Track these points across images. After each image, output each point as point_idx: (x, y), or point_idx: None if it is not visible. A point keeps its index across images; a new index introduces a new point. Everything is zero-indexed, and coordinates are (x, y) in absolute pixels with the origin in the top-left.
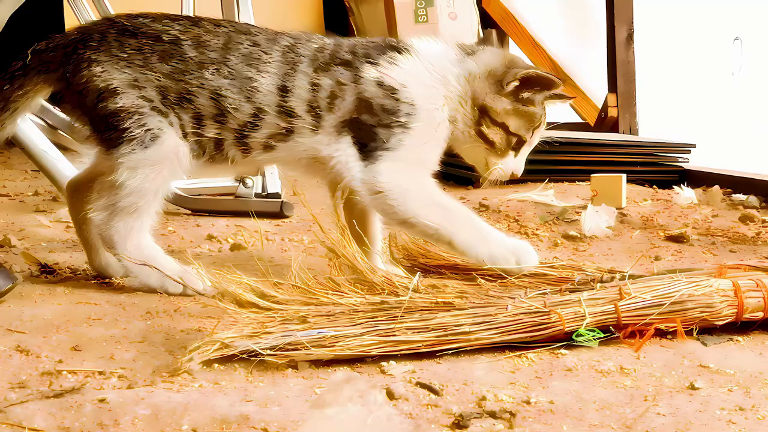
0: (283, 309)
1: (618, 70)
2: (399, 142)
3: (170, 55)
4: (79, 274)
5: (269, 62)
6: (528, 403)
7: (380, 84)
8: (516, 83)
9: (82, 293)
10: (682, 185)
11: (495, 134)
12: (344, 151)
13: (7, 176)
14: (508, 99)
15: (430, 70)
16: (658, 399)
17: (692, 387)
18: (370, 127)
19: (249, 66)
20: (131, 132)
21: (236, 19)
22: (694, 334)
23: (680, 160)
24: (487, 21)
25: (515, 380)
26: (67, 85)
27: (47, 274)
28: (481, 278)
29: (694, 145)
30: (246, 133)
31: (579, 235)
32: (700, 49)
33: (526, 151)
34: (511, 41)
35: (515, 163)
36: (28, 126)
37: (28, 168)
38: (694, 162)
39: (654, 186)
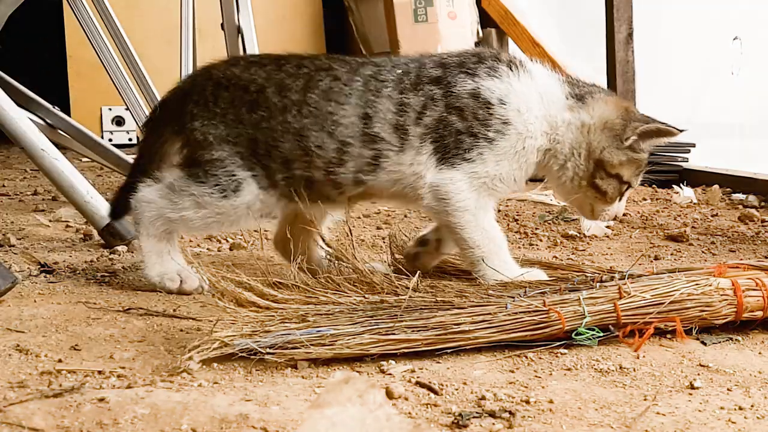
0: (283, 308)
1: (618, 70)
2: (480, 155)
3: (257, 104)
4: (79, 273)
5: (350, 94)
6: (527, 402)
7: (475, 96)
8: (635, 138)
9: (81, 293)
10: (681, 185)
11: (608, 185)
12: (423, 164)
13: (6, 175)
14: (623, 151)
15: (537, 99)
16: (657, 398)
17: (692, 386)
18: (456, 132)
19: (329, 101)
20: (219, 179)
21: (236, 20)
22: (694, 333)
23: (680, 159)
24: (486, 21)
25: (514, 379)
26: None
27: (47, 273)
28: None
29: (693, 145)
30: (333, 169)
31: (578, 235)
32: (699, 49)
33: (627, 194)
34: (511, 41)
35: (619, 206)
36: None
37: (27, 167)
38: (693, 161)
39: (653, 185)
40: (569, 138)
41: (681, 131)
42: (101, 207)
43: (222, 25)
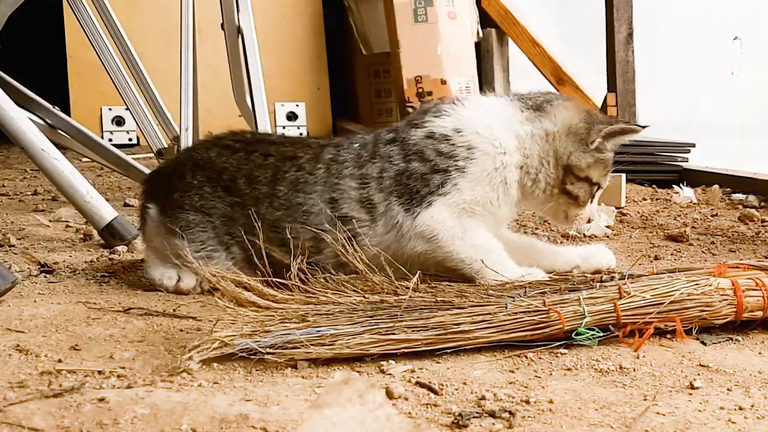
0: (283, 308)
1: (617, 70)
2: (455, 186)
3: (231, 189)
4: (79, 273)
5: (315, 182)
6: (527, 402)
7: (431, 136)
8: (600, 140)
9: (81, 293)
10: (681, 185)
11: (580, 189)
12: (396, 220)
13: (6, 175)
14: (590, 153)
15: (492, 117)
16: (657, 398)
17: (691, 386)
18: (422, 175)
19: (297, 192)
20: (192, 241)
21: (236, 20)
22: (694, 333)
23: (679, 159)
24: (486, 21)
25: (514, 379)
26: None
27: (47, 273)
28: None
29: (693, 145)
30: (313, 258)
31: (578, 235)
32: (699, 49)
33: (598, 195)
34: (511, 41)
35: (591, 209)
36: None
37: (27, 167)
38: (693, 161)
39: (653, 185)
40: (536, 149)
41: (644, 128)
42: (101, 207)
43: (222, 25)
